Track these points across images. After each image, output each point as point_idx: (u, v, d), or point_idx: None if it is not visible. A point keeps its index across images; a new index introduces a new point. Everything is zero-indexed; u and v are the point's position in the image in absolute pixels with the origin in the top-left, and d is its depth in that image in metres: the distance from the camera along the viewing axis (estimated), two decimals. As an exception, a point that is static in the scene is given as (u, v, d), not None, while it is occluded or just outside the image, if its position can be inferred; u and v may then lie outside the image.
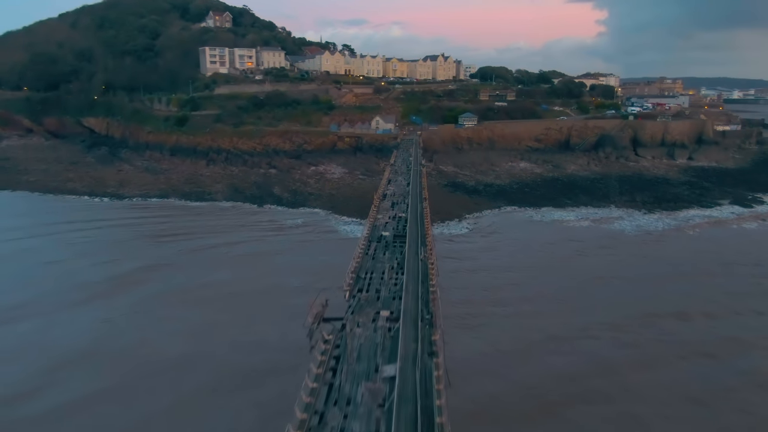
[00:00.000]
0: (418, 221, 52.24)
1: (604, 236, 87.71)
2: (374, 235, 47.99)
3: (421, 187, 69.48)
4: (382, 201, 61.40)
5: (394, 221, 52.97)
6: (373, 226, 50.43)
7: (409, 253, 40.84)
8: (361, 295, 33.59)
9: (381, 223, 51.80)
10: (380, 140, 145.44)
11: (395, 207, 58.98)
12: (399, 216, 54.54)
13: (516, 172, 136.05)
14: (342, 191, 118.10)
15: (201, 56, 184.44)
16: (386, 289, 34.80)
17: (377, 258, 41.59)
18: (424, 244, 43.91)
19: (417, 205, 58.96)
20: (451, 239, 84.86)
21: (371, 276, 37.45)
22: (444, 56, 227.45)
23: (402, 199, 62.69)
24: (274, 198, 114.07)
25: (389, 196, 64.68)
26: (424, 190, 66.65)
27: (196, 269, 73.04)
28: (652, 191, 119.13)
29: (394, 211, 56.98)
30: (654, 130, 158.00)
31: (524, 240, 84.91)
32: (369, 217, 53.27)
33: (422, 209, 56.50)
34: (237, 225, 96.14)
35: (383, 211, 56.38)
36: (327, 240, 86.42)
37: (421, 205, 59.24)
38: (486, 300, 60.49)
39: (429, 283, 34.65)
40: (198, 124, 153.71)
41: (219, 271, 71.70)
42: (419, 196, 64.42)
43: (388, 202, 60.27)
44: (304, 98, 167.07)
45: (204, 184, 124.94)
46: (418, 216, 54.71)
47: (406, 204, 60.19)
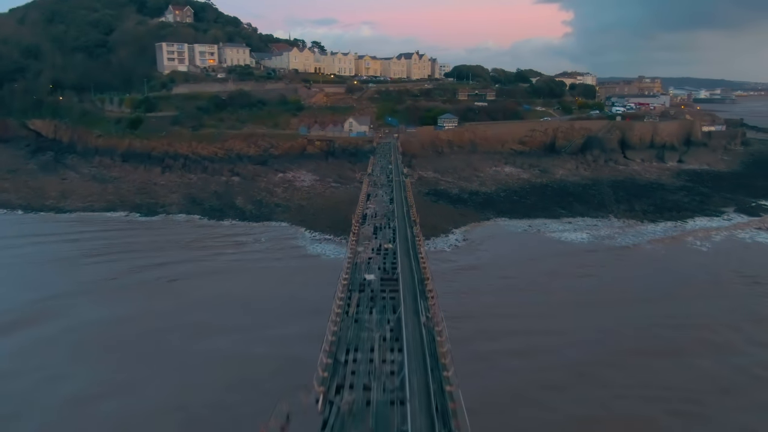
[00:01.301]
0: (411, 256, 40.95)
1: (613, 256, 77.56)
2: (354, 278, 36.40)
3: (407, 204, 58.16)
4: (361, 225, 49.73)
5: (379, 256, 41.43)
6: (352, 264, 38.81)
7: (405, 314, 29.46)
8: (341, 401, 21.95)
9: (363, 259, 40.13)
10: (354, 144, 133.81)
11: (379, 234, 47.36)
12: (385, 248, 42.99)
13: (501, 178, 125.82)
14: (313, 202, 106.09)
15: (158, 53, 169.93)
16: (379, 385, 23.22)
17: (361, 320, 29.98)
18: (424, 295, 32.61)
19: (406, 232, 47.64)
20: (439, 260, 73.69)
21: (355, 356, 25.87)
22: (419, 54, 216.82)
23: (386, 222, 51.10)
24: (236, 210, 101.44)
25: (370, 218, 53.00)
26: (411, 209, 55.26)
27: (109, 302, 61.27)
28: (650, 198, 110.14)
29: (378, 239, 45.42)
30: (643, 132, 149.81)
31: (525, 264, 74.02)
32: (348, 249, 41.69)
33: (414, 237, 45.17)
34: (188, 242, 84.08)
35: (364, 240, 44.71)
36: (293, 263, 74.51)
37: (411, 230, 47.93)
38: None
39: (442, 373, 23.31)
40: (153, 126, 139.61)
41: (138, 304, 60.13)
42: (407, 217, 53.11)
43: (370, 227, 48.53)
44: (270, 98, 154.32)
45: (157, 195, 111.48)
46: (409, 247, 43.38)
47: (391, 229, 48.76)
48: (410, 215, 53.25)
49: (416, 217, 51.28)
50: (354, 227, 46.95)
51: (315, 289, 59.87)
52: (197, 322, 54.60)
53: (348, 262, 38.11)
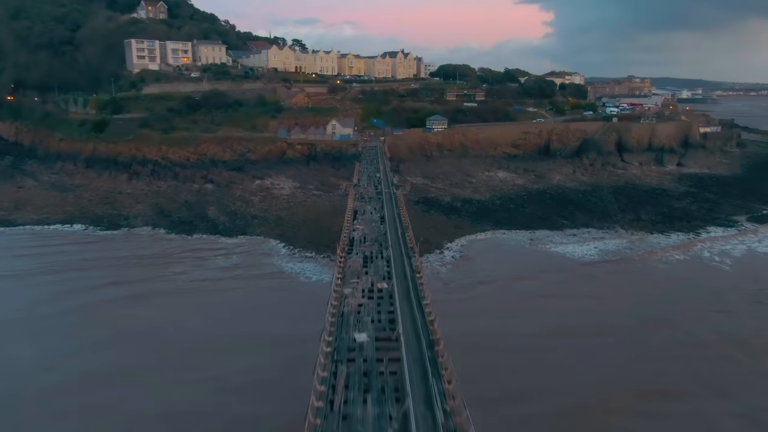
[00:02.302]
0: (413, 301, 32.24)
1: (626, 275, 69.62)
2: (341, 339, 27.51)
3: (401, 225, 49.33)
4: (348, 254, 40.79)
5: (372, 301, 32.58)
6: (338, 315, 29.94)
7: (415, 407, 20.73)
8: None
9: (351, 307, 31.17)
10: (338, 147, 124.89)
11: (370, 267, 38.47)
12: (379, 288, 34.14)
13: (495, 184, 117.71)
14: (292, 212, 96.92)
15: (127, 50, 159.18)
16: None
17: (351, 417, 21.16)
18: (437, 367, 23.94)
19: (403, 264, 38.93)
20: (434, 281, 65.02)
21: None
22: (404, 53, 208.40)
23: (378, 251, 42.14)
24: (208, 223, 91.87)
25: (358, 244, 44.00)
26: (407, 232, 46.43)
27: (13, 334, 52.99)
28: (655, 206, 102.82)
29: (369, 275, 36.52)
30: (640, 134, 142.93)
31: (532, 287, 65.55)
32: (332, 290, 32.83)
33: (413, 273, 36.46)
34: (147, 260, 75.09)
35: (352, 278, 35.73)
36: (265, 285, 65.65)
37: (408, 261, 39.20)
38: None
39: None
40: (120, 129, 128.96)
41: (47, 340, 51.52)
42: (402, 242, 44.32)
43: (359, 258, 39.48)
44: (247, 99, 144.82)
45: (122, 205, 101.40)
46: (409, 286, 34.64)
47: (385, 259, 39.92)
48: (406, 240, 44.39)
49: (414, 243, 42.42)
50: (339, 259, 38.00)
51: (284, 322, 52.00)
52: (92, 370, 45.92)
53: (332, 314, 29.19)
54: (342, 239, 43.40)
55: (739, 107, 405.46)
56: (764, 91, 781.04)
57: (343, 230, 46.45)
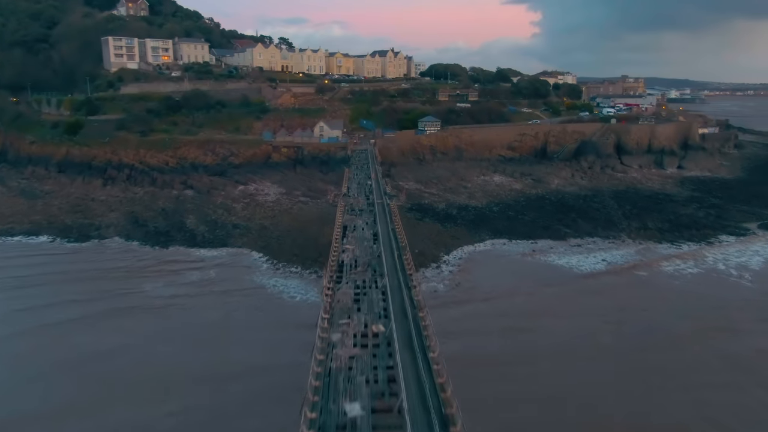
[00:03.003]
0: (417, 351, 26.22)
1: (640, 291, 64.07)
2: (327, 412, 21.44)
3: (398, 244, 43.23)
4: (336, 284, 34.63)
5: (366, 350, 26.55)
6: (324, 374, 23.86)
7: None
8: None
9: (340, 359, 25.04)
10: (326, 150, 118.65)
11: (362, 301, 32.41)
12: (374, 332, 28.09)
13: (492, 189, 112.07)
14: (277, 221, 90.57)
15: (104, 48, 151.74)
16: None
17: None
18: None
19: (402, 297, 32.87)
20: (433, 302, 59.06)
21: None
22: (394, 52, 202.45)
23: (371, 278, 36.06)
24: (186, 233, 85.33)
25: (348, 269, 37.88)
26: (405, 254, 40.30)
27: None
28: (661, 213, 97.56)
29: (362, 313, 30.48)
30: (640, 135, 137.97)
31: (543, 308, 59.79)
32: (317, 340, 26.72)
33: (415, 310, 30.44)
34: (114, 275, 68.58)
35: (341, 318, 29.62)
36: (242, 305, 59.51)
37: (409, 293, 33.16)
38: None
39: None
40: (95, 131, 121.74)
41: None
42: (399, 268, 38.24)
43: (349, 290, 33.35)
44: (231, 99, 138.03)
45: (94, 213, 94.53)
46: (411, 330, 28.61)
47: (380, 290, 33.88)
48: (404, 264, 38.32)
49: (414, 270, 36.38)
50: (326, 291, 31.85)
51: (260, 349, 46.19)
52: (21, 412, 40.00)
53: (316, 373, 23.09)
54: (329, 264, 37.22)
55: (728, 107, 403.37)
56: (750, 91, 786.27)
57: (330, 251, 40.30)
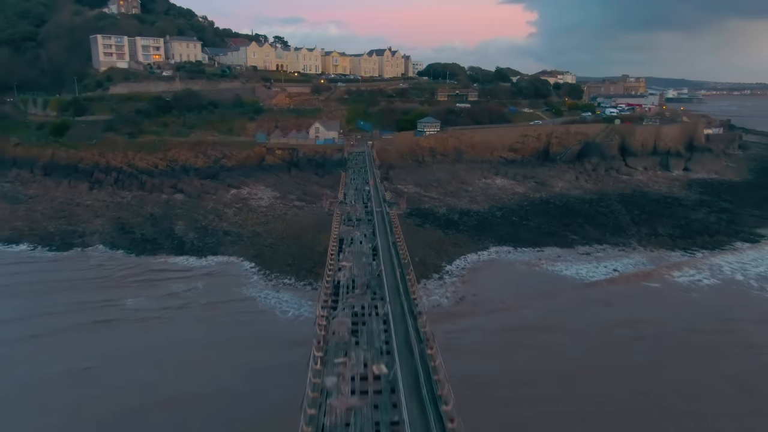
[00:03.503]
0: (427, 403, 22.12)
1: (660, 306, 60.01)
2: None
3: (399, 261, 39.07)
4: (331, 311, 30.44)
5: (367, 398, 22.47)
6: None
7: None
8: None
9: (336, 412, 20.90)
10: (321, 152, 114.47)
11: (361, 333, 28.26)
12: (375, 374, 24.00)
13: (494, 192, 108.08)
14: (271, 227, 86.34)
15: (93, 46, 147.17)
16: None
17: None
18: None
19: (407, 328, 28.72)
20: (439, 322, 54.98)
21: None
22: (391, 50, 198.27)
23: (371, 304, 31.91)
24: (174, 241, 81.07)
25: (345, 292, 33.71)
26: (408, 274, 36.12)
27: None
28: (671, 218, 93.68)
29: (360, 347, 26.35)
30: (645, 137, 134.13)
31: (550, 321, 55.83)
32: (307, 385, 22.58)
33: (422, 345, 26.32)
34: (98, 283, 64.98)
35: (336, 356, 25.51)
36: (229, 321, 55.16)
37: (414, 323, 29.03)
38: None
39: None
40: (82, 133, 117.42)
41: None
42: (402, 289, 34.09)
43: (346, 318, 29.20)
44: (224, 99, 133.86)
45: (78, 219, 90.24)
46: (419, 374, 24.45)
47: (381, 318, 29.76)
48: (408, 285, 34.18)
49: (419, 295, 32.23)
50: (319, 321, 27.70)
51: (243, 376, 42.22)
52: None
53: None
54: (324, 286, 33.07)
55: (726, 107, 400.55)
56: (747, 90, 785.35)
57: (325, 269, 36.10)
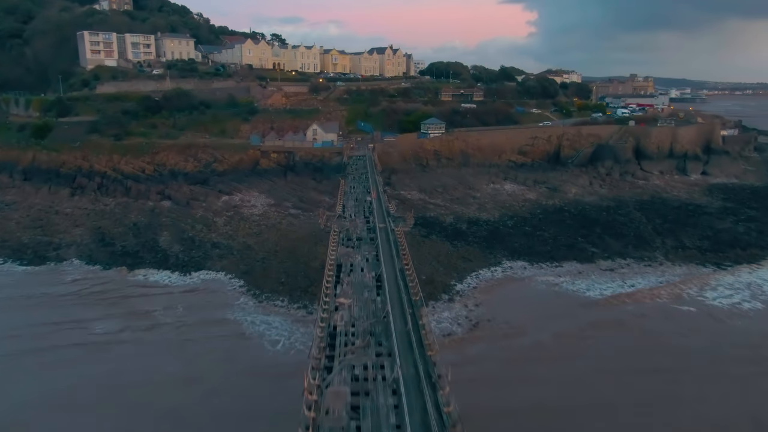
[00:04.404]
0: None
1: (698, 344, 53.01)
2: None
3: (411, 300, 32.06)
4: (324, 369, 23.47)
5: None
6: None
7: None
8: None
9: None
10: (319, 156, 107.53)
11: (363, 417, 21.23)
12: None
13: (503, 199, 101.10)
14: (263, 239, 79.35)
15: (79, 43, 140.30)
16: None
17: None
18: None
19: (424, 403, 21.82)
20: (447, 348, 48.05)
21: None
22: (392, 49, 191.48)
23: (375, 362, 24.87)
24: (157, 254, 74.09)
25: (342, 343, 26.69)
26: (422, 317, 29.13)
27: None
28: (696, 228, 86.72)
29: (360, 418, 19.45)
30: (661, 139, 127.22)
31: (575, 353, 48.91)
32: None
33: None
34: (65, 300, 57.91)
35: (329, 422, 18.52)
36: (208, 354, 48.01)
37: (432, 389, 22.15)
38: None
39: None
40: (65, 135, 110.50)
41: None
42: (417, 343, 27.03)
43: (341, 388, 22.26)
44: (216, 99, 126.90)
45: (56, 230, 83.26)
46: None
47: (391, 387, 22.88)
48: (421, 333, 27.23)
49: (437, 350, 25.34)
50: (307, 393, 20.73)
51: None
52: None
53: None
54: (316, 335, 26.07)
55: (730, 107, 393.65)
56: (749, 90, 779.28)
57: (318, 312, 29.08)
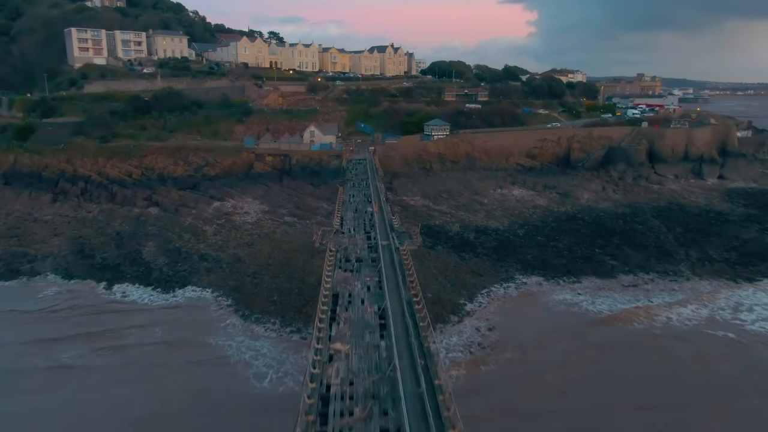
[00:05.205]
0: None
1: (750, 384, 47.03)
2: None
3: (421, 345, 26.17)
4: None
5: None
6: None
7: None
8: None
9: None
10: (317, 159, 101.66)
11: None
12: None
13: (512, 206, 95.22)
14: (256, 250, 73.43)
15: (67, 41, 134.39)
16: None
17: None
18: None
19: None
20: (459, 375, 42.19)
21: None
22: (394, 47, 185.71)
23: (377, 427, 19.21)
24: (140, 268, 68.19)
25: (338, 409, 20.92)
26: (437, 374, 23.25)
27: None
28: (719, 237, 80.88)
29: None
30: (675, 141, 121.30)
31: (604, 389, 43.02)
32: None
33: None
34: (26, 318, 51.29)
35: None
36: (182, 390, 42.12)
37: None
38: None
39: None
40: (49, 136, 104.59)
41: None
42: (433, 410, 21.24)
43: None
44: (210, 99, 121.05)
45: (32, 239, 77.35)
46: None
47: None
48: (438, 399, 21.40)
49: (457, 420, 19.52)
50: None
51: None
52: None
53: None
54: (303, 402, 20.19)
55: (733, 107, 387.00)
56: (750, 90, 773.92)
57: (308, 367, 23.11)
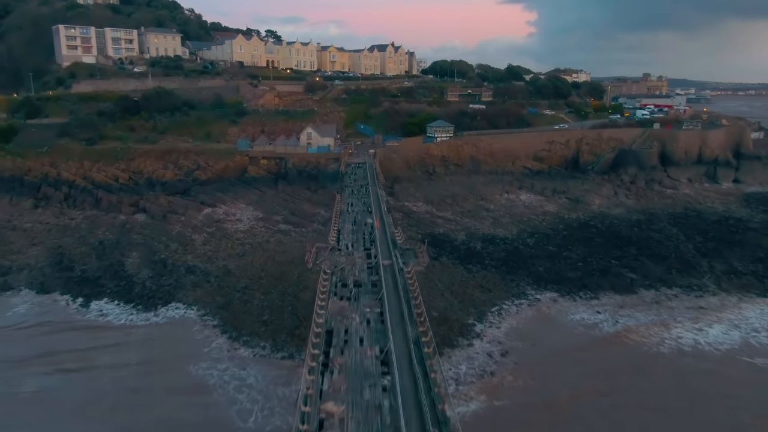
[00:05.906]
0: None
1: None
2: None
3: (434, 405, 21.26)
4: None
5: None
6: None
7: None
8: None
9: None
10: (314, 163, 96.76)
11: None
12: None
13: (520, 212, 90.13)
14: (247, 262, 68.31)
15: (55, 38, 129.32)
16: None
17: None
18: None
19: None
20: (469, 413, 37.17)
21: None
22: (394, 46, 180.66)
23: None
24: (122, 281, 63.12)
25: None
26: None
27: None
28: (742, 246, 75.66)
29: None
30: (689, 143, 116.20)
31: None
32: None
33: None
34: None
35: None
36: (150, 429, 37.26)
37: None
38: None
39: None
40: (33, 138, 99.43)
41: None
42: None
43: None
44: (202, 99, 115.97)
45: (8, 250, 72.18)
46: None
47: None
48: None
49: None
50: None
51: None
52: None
53: None
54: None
55: (736, 107, 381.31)
56: (751, 90, 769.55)
57: None
